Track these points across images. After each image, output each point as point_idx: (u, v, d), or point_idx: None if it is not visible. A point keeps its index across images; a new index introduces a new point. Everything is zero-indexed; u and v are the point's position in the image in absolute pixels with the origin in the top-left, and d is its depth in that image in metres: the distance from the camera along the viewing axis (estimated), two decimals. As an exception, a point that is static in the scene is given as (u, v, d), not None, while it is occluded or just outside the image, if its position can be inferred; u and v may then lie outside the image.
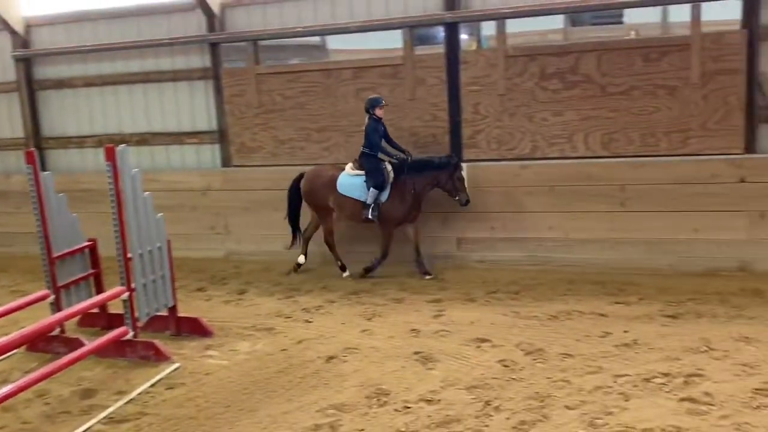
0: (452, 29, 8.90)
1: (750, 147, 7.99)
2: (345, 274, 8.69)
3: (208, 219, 10.12)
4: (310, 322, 7.17)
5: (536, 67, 8.55)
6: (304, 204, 8.91)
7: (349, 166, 8.62)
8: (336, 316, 7.32)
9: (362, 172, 8.44)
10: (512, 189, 8.65)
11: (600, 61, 8.30)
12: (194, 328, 6.87)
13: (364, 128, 8.38)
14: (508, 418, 4.78)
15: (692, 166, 8.01)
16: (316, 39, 9.95)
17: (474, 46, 9.18)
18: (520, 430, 4.61)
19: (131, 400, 5.48)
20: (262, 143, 9.92)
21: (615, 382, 5.25)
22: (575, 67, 8.40)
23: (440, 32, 9.08)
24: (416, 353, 6.05)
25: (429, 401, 5.11)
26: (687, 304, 6.95)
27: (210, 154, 10.35)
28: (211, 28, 9.92)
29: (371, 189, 8.32)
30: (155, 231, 6.56)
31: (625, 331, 6.30)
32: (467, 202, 8.26)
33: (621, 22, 8.88)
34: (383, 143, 8.37)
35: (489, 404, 5.00)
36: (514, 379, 5.43)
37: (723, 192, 7.89)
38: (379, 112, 8.31)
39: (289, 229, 8.98)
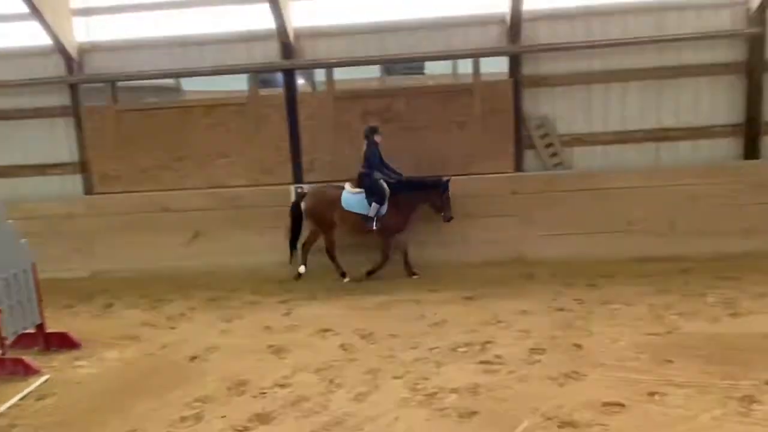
0: (290, 75, 8.93)
1: (518, 167, 8.83)
2: (346, 280, 8.17)
3: (73, 242, 9.19)
4: (173, 328, 6.75)
5: (359, 107, 8.81)
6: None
7: (348, 186, 8.16)
8: (197, 321, 6.95)
9: (361, 190, 8.03)
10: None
11: (408, 103, 8.73)
12: (63, 342, 6.21)
13: (363, 153, 7.95)
14: (348, 392, 4.83)
15: (478, 183, 8.58)
16: (171, 81, 9.50)
17: (309, 89, 9.26)
18: (358, 400, 4.68)
19: (0, 414, 4.83)
20: (123, 173, 9.26)
21: (430, 353, 5.49)
22: (389, 107, 8.76)
23: (280, 77, 9.05)
24: (270, 347, 5.92)
25: (282, 386, 5.03)
26: (480, 289, 7.42)
27: (72, 183, 9.52)
28: (69, 70, 9.15)
29: (373, 204, 7.92)
30: (20, 255, 5.89)
31: (436, 313, 6.61)
32: (450, 218, 8.06)
33: (423, 72, 9.43)
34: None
35: (332, 382, 5.02)
36: (352, 359, 5.50)
37: (500, 202, 8.57)
38: (378, 138, 7.98)
39: (286, 246, 8.36)
